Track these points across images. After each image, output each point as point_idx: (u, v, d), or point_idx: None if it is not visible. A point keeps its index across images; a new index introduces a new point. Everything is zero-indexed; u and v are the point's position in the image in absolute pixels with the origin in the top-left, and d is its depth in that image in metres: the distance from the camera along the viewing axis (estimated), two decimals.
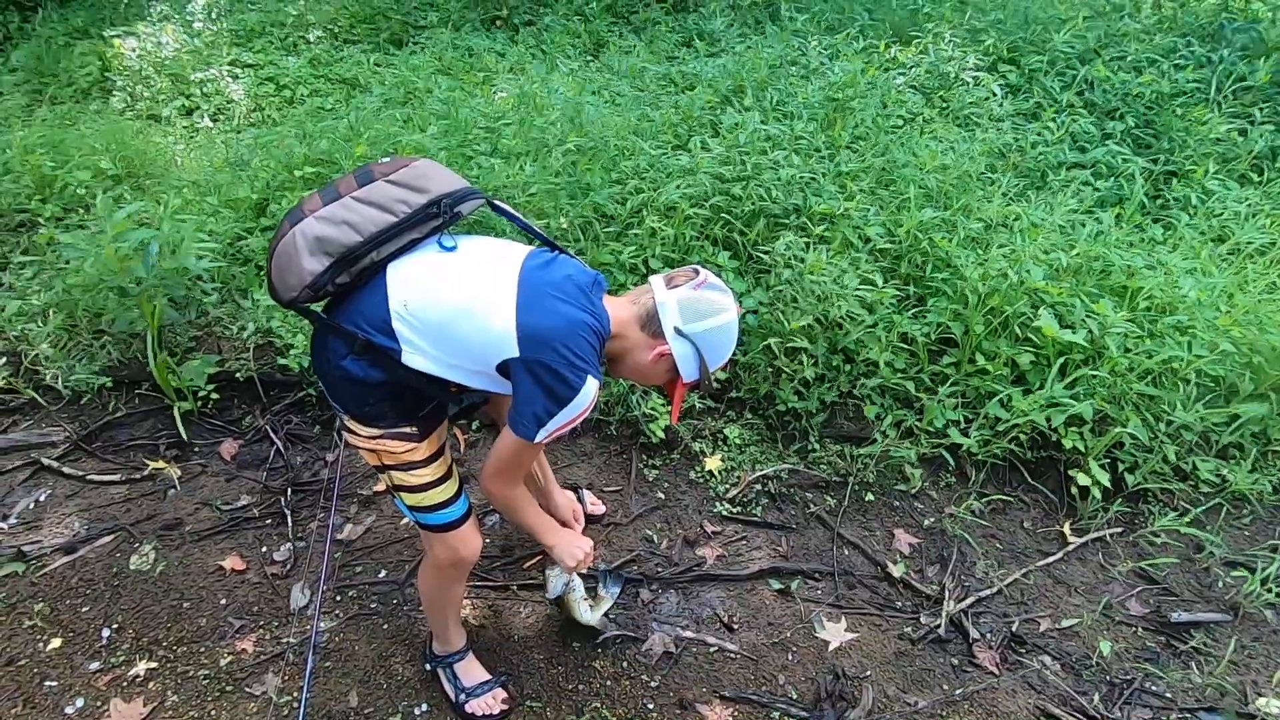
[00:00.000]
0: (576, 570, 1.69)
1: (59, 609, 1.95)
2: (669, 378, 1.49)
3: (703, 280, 1.44)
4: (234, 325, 2.62)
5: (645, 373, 1.49)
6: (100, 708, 1.74)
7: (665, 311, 1.42)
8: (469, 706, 1.75)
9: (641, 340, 1.45)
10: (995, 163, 3.26)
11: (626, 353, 1.47)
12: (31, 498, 2.25)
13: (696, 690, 1.85)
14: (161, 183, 3.24)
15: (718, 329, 1.43)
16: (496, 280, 1.37)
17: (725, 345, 1.47)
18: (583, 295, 1.41)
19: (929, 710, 1.84)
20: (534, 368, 1.32)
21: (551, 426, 1.35)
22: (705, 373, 1.46)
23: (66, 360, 2.53)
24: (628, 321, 1.45)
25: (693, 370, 1.46)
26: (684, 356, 1.44)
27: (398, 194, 1.39)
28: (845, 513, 2.33)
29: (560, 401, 1.33)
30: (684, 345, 1.43)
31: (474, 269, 1.40)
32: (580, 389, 1.33)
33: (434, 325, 1.36)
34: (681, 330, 1.42)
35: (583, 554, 1.65)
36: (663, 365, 1.46)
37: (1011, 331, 2.48)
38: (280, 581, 2.05)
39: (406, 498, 1.52)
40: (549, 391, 1.33)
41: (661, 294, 1.44)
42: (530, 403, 1.34)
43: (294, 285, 1.33)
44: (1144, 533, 2.28)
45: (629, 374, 1.52)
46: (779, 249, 2.60)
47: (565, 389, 1.33)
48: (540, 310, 1.34)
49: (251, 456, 2.42)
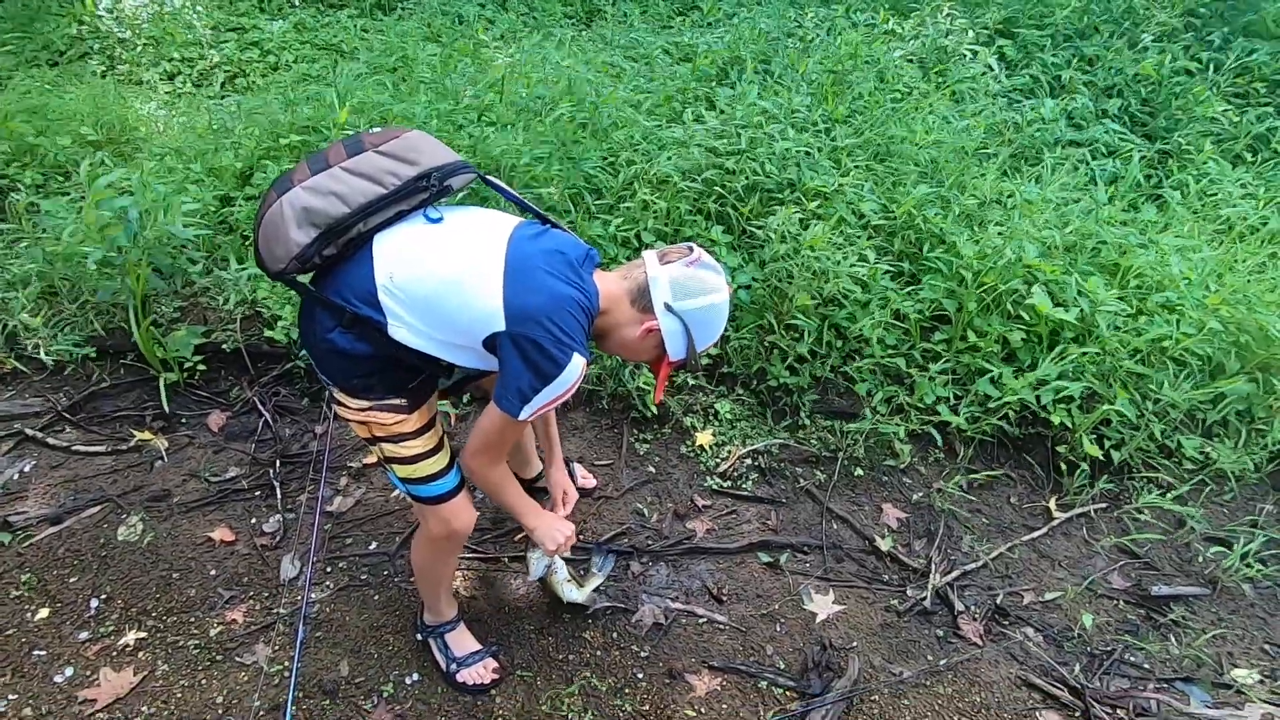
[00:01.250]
0: (557, 554, 1.69)
1: (46, 579, 1.94)
2: (656, 354, 1.48)
3: (696, 258, 1.42)
4: (220, 296, 2.58)
5: (632, 348, 1.48)
6: (90, 676, 1.74)
7: (656, 287, 1.41)
8: (460, 676, 1.76)
9: (631, 315, 1.44)
10: (991, 139, 3.24)
11: (615, 328, 1.46)
12: (15, 469, 2.22)
13: (685, 660, 1.88)
14: (144, 149, 3.16)
15: (708, 308, 1.42)
16: (484, 253, 1.35)
17: (714, 325, 1.45)
18: (572, 270, 1.39)
19: (914, 680, 1.88)
20: (520, 342, 1.31)
21: (536, 403, 1.34)
22: (692, 352, 1.45)
23: (48, 330, 2.49)
24: (618, 296, 1.44)
25: (680, 348, 1.45)
26: (672, 334, 1.43)
27: (387, 165, 1.36)
28: (834, 487, 2.34)
29: (545, 378, 1.32)
30: (673, 322, 1.41)
31: (461, 241, 1.37)
32: (566, 366, 1.32)
33: (420, 299, 1.34)
34: (671, 307, 1.40)
35: (563, 538, 1.64)
36: (650, 342, 1.45)
37: (1004, 309, 2.48)
38: (270, 553, 2.05)
39: (398, 469, 1.51)
40: (534, 367, 1.31)
41: (654, 269, 1.42)
42: (516, 378, 1.32)
43: (281, 257, 1.31)
44: (1128, 509, 2.31)
45: (616, 349, 1.51)
46: (773, 224, 2.58)
47: (551, 365, 1.31)
48: (528, 285, 1.32)
49: (239, 428, 2.40)
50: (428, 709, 1.74)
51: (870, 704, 1.82)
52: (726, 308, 1.45)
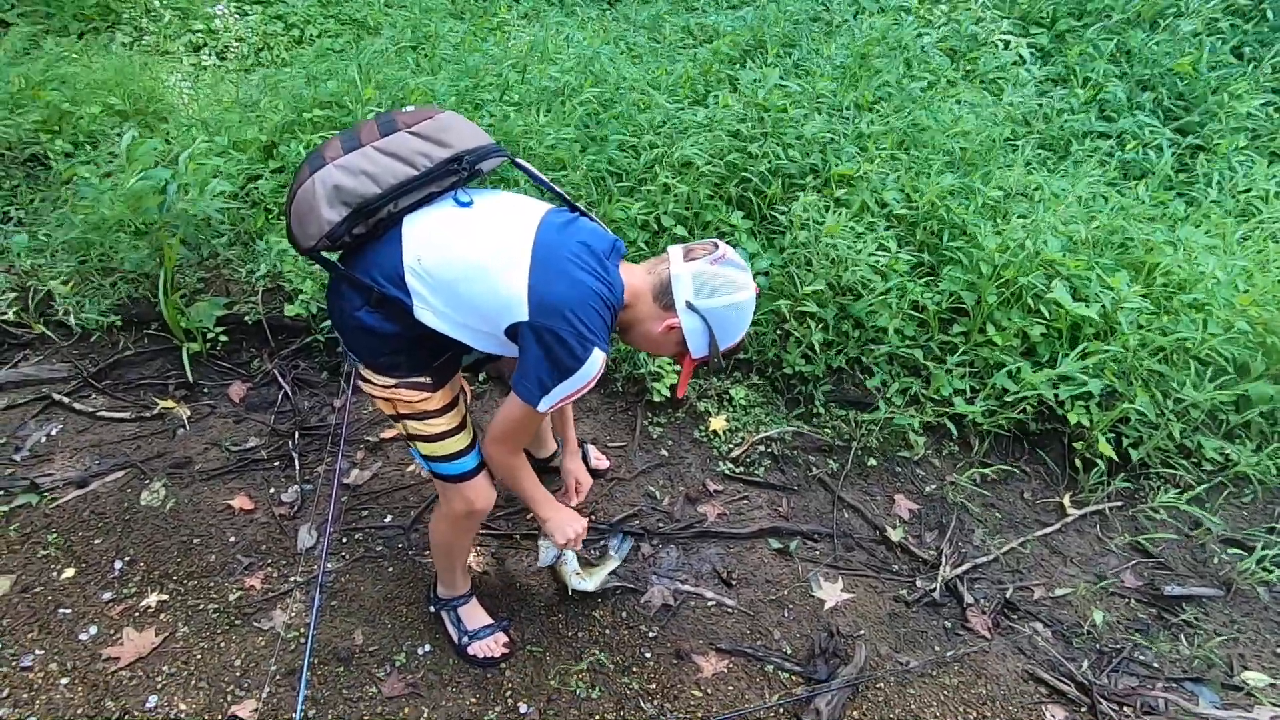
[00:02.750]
0: (567, 548, 1.70)
1: (72, 540, 1.99)
2: (678, 350, 1.48)
3: (721, 255, 1.41)
4: (243, 268, 2.61)
5: (654, 343, 1.48)
6: (113, 635, 1.80)
7: (679, 284, 1.40)
8: (471, 648, 1.80)
9: (653, 311, 1.43)
10: (1019, 129, 3.18)
11: (638, 322, 1.46)
12: (43, 432, 2.28)
13: (693, 642, 1.90)
14: (170, 120, 3.19)
15: (731, 307, 1.40)
16: (512, 240, 1.35)
17: (737, 324, 1.44)
18: (599, 262, 1.38)
19: (920, 670, 1.88)
20: (542, 334, 1.31)
21: (556, 395, 1.34)
22: (715, 350, 1.43)
23: (76, 297, 2.53)
24: (642, 291, 1.43)
25: (702, 346, 1.44)
26: (693, 332, 1.42)
27: (419, 146, 1.36)
28: (847, 477, 2.34)
29: (565, 372, 1.32)
30: (694, 320, 1.40)
31: (490, 227, 1.38)
32: (586, 360, 1.32)
33: (446, 283, 1.35)
34: (693, 305, 1.39)
35: (574, 533, 1.64)
36: (672, 338, 1.44)
37: (1024, 303, 2.45)
38: (288, 522, 2.09)
39: (422, 447, 1.53)
40: (555, 360, 1.31)
41: (677, 266, 1.41)
42: (536, 369, 1.32)
43: (313, 234, 1.33)
44: (1144, 508, 2.29)
45: (639, 343, 1.51)
46: (795, 210, 2.56)
47: (571, 360, 1.31)
48: (553, 276, 1.32)
49: (259, 400, 2.44)
50: (439, 679, 1.77)
51: (875, 691, 1.83)
52: (751, 307, 1.43)
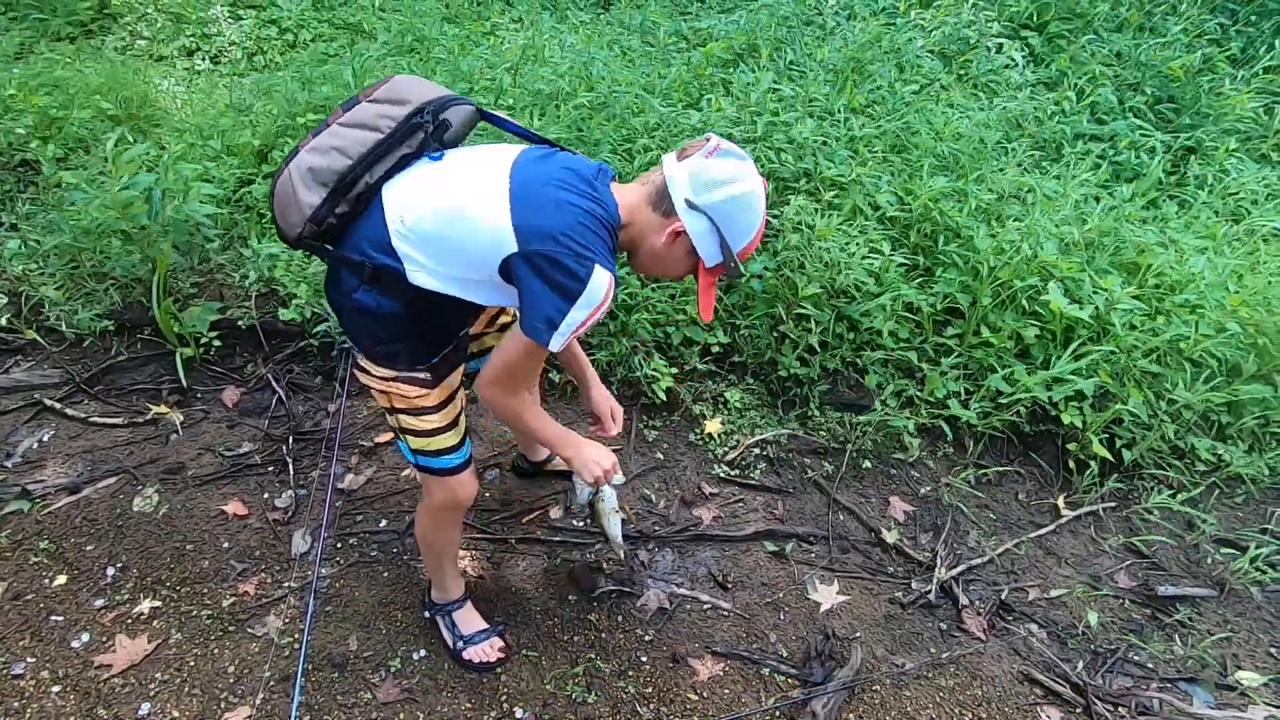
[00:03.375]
0: (599, 484, 1.55)
1: (64, 547, 1.98)
2: (690, 263, 1.37)
3: (715, 147, 1.31)
4: (236, 273, 2.60)
5: (663, 259, 1.37)
6: (106, 642, 1.78)
7: (674, 185, 1.31)
8: (466, 653, 1.79)
9: (654, 221, 1.34)
10: (1011, 132, 3.20)
11: (641, 239, 1.36)
12: (34, 438, 2.26)
13: (689, 645, 1.89)
14: (163, 125, 3.18)
15: (733, 199, 1.30)
16: (488, 178, 1.29)
17: (746, 218, 1.32)
18: (585, 183, 1.31)
19: (915, 671, 1.88)
20: (535, 260, 1.23)
21: (567, 328, 1.25)
22: (728, 253, 1.32)
23: (68, 302, 2.52)
24: (637, 205, 1.35)
25: (713, 250, 1.33)
26: (700, 234, 1.32)
27: (379, 110, 1.35)
28: (842, 479, 2.35)
29: (570, 296, 1.23)
30: (698, 220, 1.31)
31: (464, 172, 1.34)
32: (589, 279, 1.22)
33: (432, 236, 1.31)
34: (693, 203, 1.30)
35: (602, 469, 1.51)
36: (679, 248, 1.35)
37: (1018, 305, 2.46)
38: (282, 528, 2.08)
39: (412, 441, 1.52)
40: (557, 287, 1.23)
41: (671, 168, 1.32)
42: (539, 302, 1.24)
43: (296, 222, 1.33)
44: (1137, 508, 2.30)
45: (649, 265, 1.41)
46: (788, 214, 2.57)
47: (573, 282, 1.22)
48: (537, 202, 1.26)
49: (253, 404, 2.43)
50: (434, 684, 1.76)
51: (871, 694, 1.83)
52: (759, 200, 1.32)
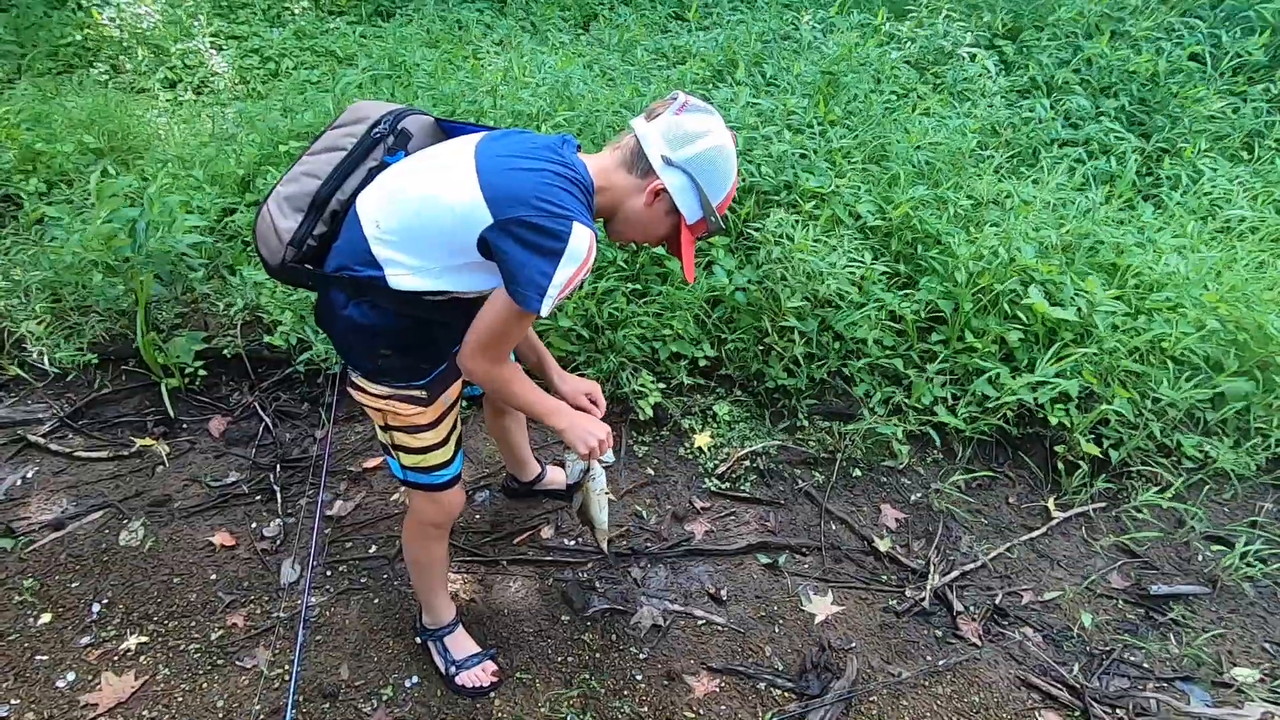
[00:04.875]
0: (591, 458, 1.51)
1: (48, 584, 1.96)
2: (671, 223, 1.37)
3: (684, 103, 1.31)
4: (221, 302, 2.60)
5: (644, 222, 1.37)
6: (92, 681, 1.76)
7: (649, 143, 1.31)
8: (459, 678, 1.77)
9: (631, 184, 1.34)
10: (988, 140, 3.24)
11: (619, 204, 1.36)
12: (18, 475, 2.24)
13: (684, 662, 1.88)
14: (146, 157, 3.19)
15: (708, 152, 1.30)
16: (453, 161, 1.29)
17: (721, 172, 1.33)
18: (551, 151, 1.30)
19: (912, 680, 1.88)
20: (511, 228, 1.21)
21: (555, 289, 1.22)
22: (708, 207, 1.33)
23: (51, 337, 2.51)
24: (611, 169, 1.35)
25: (694, 206, 1.34)
26: (680, 189, 1.32)
27: (342, 132, 1.41)
28: (833, 489, 2.35)
29: (551, 256, 1.21)
30: (677, 176, 1.31)
31: (428, 161, 1.34)
32: (568, 236, 1.21)
33: (407, 232, 1.30)
34: (670, 159, 1.30)
35: (596, 440, 1.47)
36: (660, 207, 1.34)
37: (1001, 309, 2.48)
38: (270, 557, 2.06)
39: (404, 458, 1.51)
40: (537, 249, 1.21)
41: (642, 128, 1.32)
42: (524, 268, 1.21)
43: (277, 248, 1.35)
44: (1127, 508, 2.31)
45: (629, 231, 1.40)
46: (769, 226, 2.59)
47: (553, 241, 1.21)
48: (504, 174, 1.25)
49: (240, 433, 2.42)
50: (427, 711, 1.74)
51: (869, 704, 1.82)
52: (732, 152, 1.33)
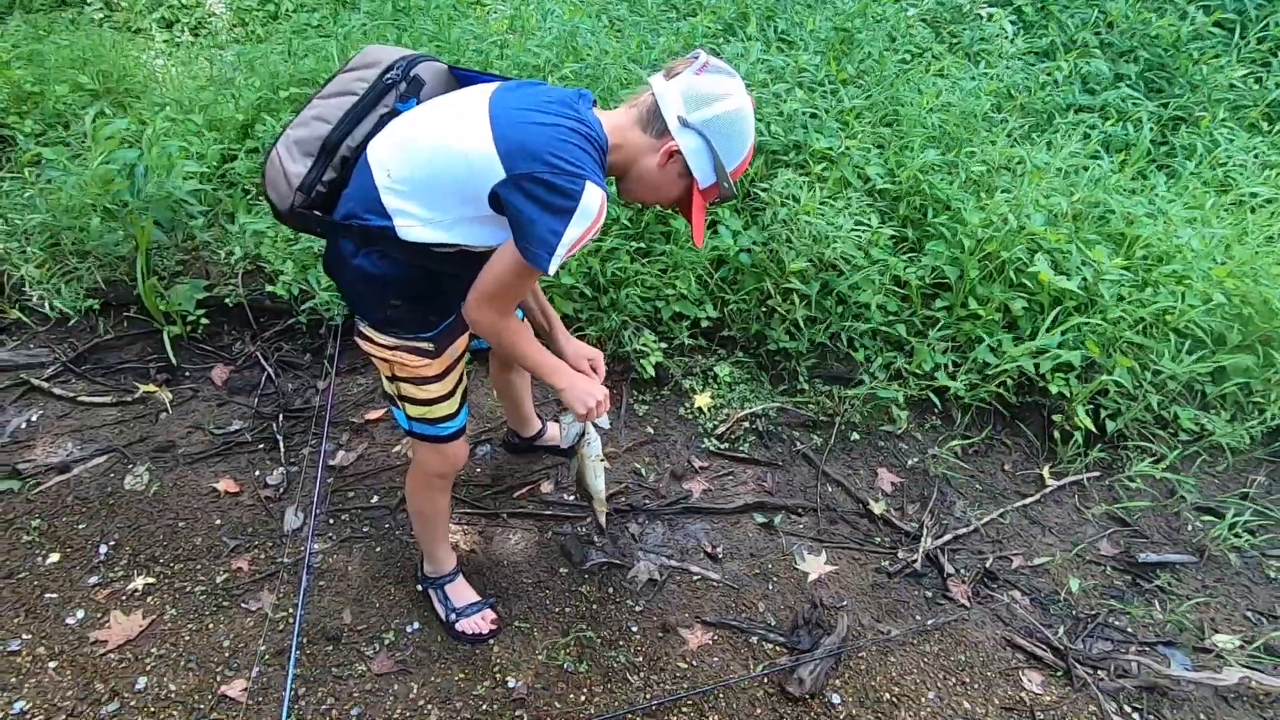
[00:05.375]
0: (588, 419, 1.53)
1: (56, 525, 1.99)
2: (683, 185, 1.36)
3: (705, 63, 1.29)
4: (222, 250, 2.58)
5: (656, 183, 1.35)
6: (101, 619, 1.80)
7: (666, 103, 1.28)
8: (459, 625, 1.81)
9: (645, 143, 1.32)
10: (1002, 103, 3.18)
11: (632, 163, 1.34)
12: (23, 417, 2.26)
13: (679, 615, 1.92)
14: (143, 100, 3.12)
15: (725, 115, 1.28)
16: (466, 111, 1.28)
17: (738, 137, 1.31)
18: (566, 106, 1.29)
19: (901, 638, 1.92)
20: (523, 184, 1.20)
21: (563, 248, 1.22)
22: (722, 173, 1.31)
23: (51, 282, 2.50)
24: (626, 126, 1.33)
25: (708, 170, 1.32)
26: (695, 152, 1.30)
27: (354, 76, 1.39)
28: (831, 451, 2.37)
29: (561, 214, 1.20)
30: (692, 138, 1.29)
31: (442, 110, 1.33)
32: (580, 195, 1.20)
33: (418, 182, 1.29)
34: (687, 121, 1.27)
35: (594, 402, 1.48)
36: (673, 169, 1.33)
37: (1006, 277, 2.47)
38: (273, 504, 2.09)
39: (410, 409, 1.52)
40: (548, 207, 1.20)
41: (660, 86, 1.30)
42: (533, 225, 1.21)
43: (286, 193, 1.34)
44: (1120, 477, 2.34)
45: (640, 191, 1.38)
46: (776, 187, 2.56)
47: (564, 199, 1.20)
48: (519, 124, 1.23)
49: (243, 382, 2.43)
50: (428, 656, 1.79)
51: (858, 660, 1.87)
52: (749, 116, 1.31)
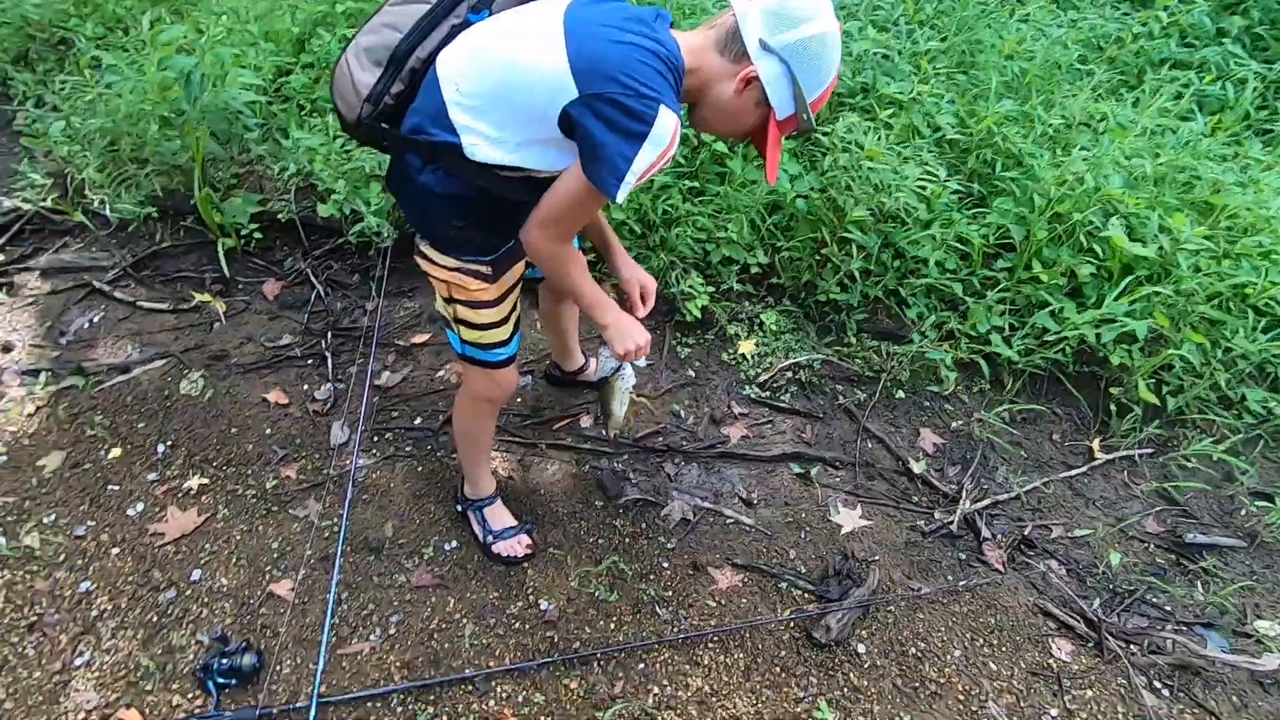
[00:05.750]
0: (626, 360, 1.51)
1: (117, 423, 2.07)
2: (759, 116, 1.27)
3: None
4: (275, 165, 2.58)
5: (730, 111, 1.28)
6: (158, 513, 1.89)
7: (747, 24, 1.21)
8: (495, 547, 1.86)
9: (722, 68, 1.25)
10: (1089, 54, 2.98)
11: (707, 88, 1.27)
12: (86, 318, 2.33)
13: (710, 556, 1.94)
14: (199, 6, 3.09)
15: (810, 39, 1.20)
16: (540, 26, 1.23)
17: (822, 63, 1.23)
18: (643, 24, 1.23)
19: (930, 596, 1.92)
20: (595, 105, 1.16)
21: (633, 175, 1.18)
22: (802, 103, 1.23)
23: (112, 186, 2.54)
24: (703, 49, 1.26)
25: (787, 98, 1.24)
26: (774, 78, 1.22)
27: None
28: (874, 407, 2.33)
29: (634, 138, 1.16)
30: (773, 64, 1.21)
31: (514, 24, 1.28)
32: (654, 119, 1.15)
33: (488, 98, 1.26)
34: (768, 44, 1.20)
35: (635, 345, 1.46)
36: (749, 97, 1.25)
37: (1076, 240, 2.35)
38: (321, 418, 2.14)
39: (464, 333, 1.53)
40: (621, 130, 1.16)
41: (741, 6, 1.22)
42: (604, 149, 1.17)
43: (354, 103, 1.32)
44: (1175, 456, 2.26)
45: (714, 120, 1.32)
46: (839, 131, 2.45)
47: (637, 123, 1.15)
48: (595, 43, 1.18)
49: (293, 298, 2.46)
50: (464, 573, 1.85)
51: (886, 613, 1.87)
52: (836, 43, 1.23)
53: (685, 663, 1.73)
